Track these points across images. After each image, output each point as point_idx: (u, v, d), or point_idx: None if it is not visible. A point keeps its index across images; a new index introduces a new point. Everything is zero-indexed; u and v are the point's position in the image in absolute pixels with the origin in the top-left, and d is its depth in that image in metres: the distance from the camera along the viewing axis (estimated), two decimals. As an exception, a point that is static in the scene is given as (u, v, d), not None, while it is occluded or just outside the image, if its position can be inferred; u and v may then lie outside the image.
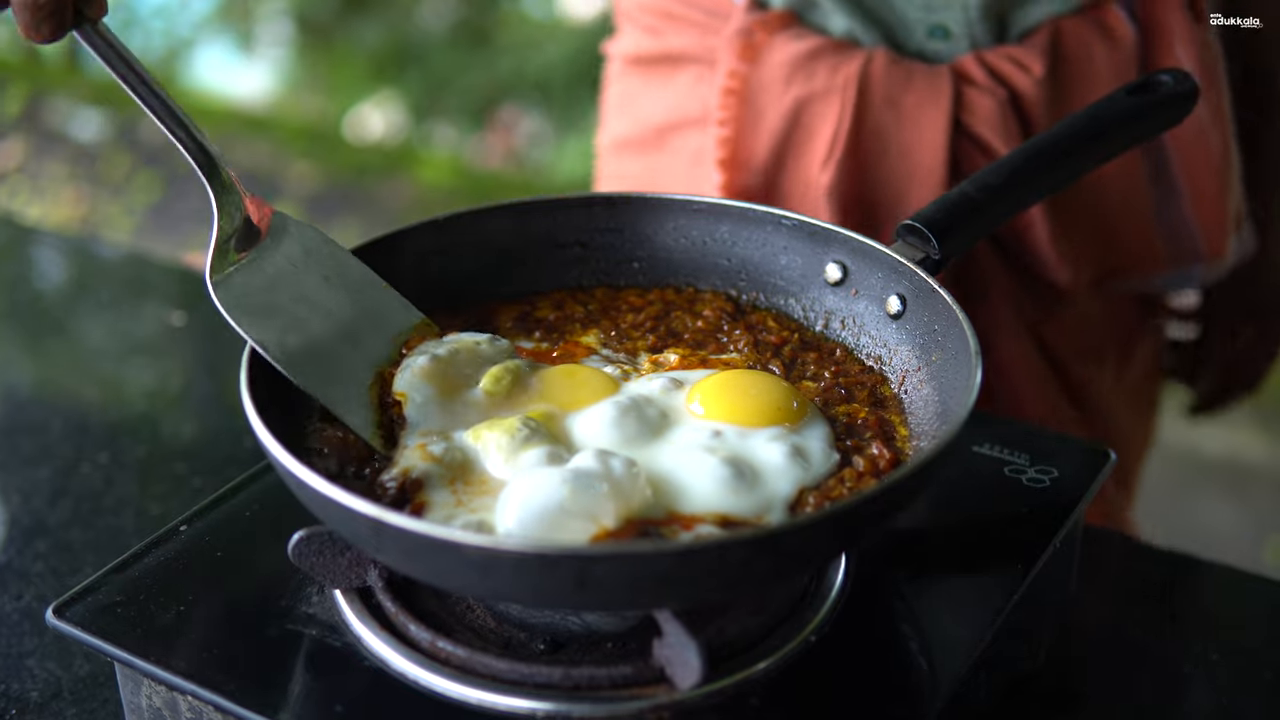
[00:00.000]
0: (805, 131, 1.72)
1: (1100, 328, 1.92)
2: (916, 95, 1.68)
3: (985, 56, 1.70)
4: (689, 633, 1.06)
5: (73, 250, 2.61)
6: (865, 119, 1.69)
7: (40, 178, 6.21)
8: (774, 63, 1.72)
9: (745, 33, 1.73)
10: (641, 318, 1.44)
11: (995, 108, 1.67)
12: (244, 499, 1.37)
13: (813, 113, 1.71)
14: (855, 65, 1.68)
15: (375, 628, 1.18)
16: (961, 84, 1.69)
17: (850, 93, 1.68)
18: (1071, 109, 1.71)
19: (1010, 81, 1.69)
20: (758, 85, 1.73)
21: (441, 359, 1.30)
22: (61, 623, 1.21)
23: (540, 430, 1.21)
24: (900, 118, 1.69)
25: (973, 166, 1.70)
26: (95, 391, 2.07)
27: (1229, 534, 4.03)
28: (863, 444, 1.26)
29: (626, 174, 1.95)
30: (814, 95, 1.70)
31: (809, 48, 1.71)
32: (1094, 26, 1.72)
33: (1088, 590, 1.51)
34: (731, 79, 1.74)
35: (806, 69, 1.70)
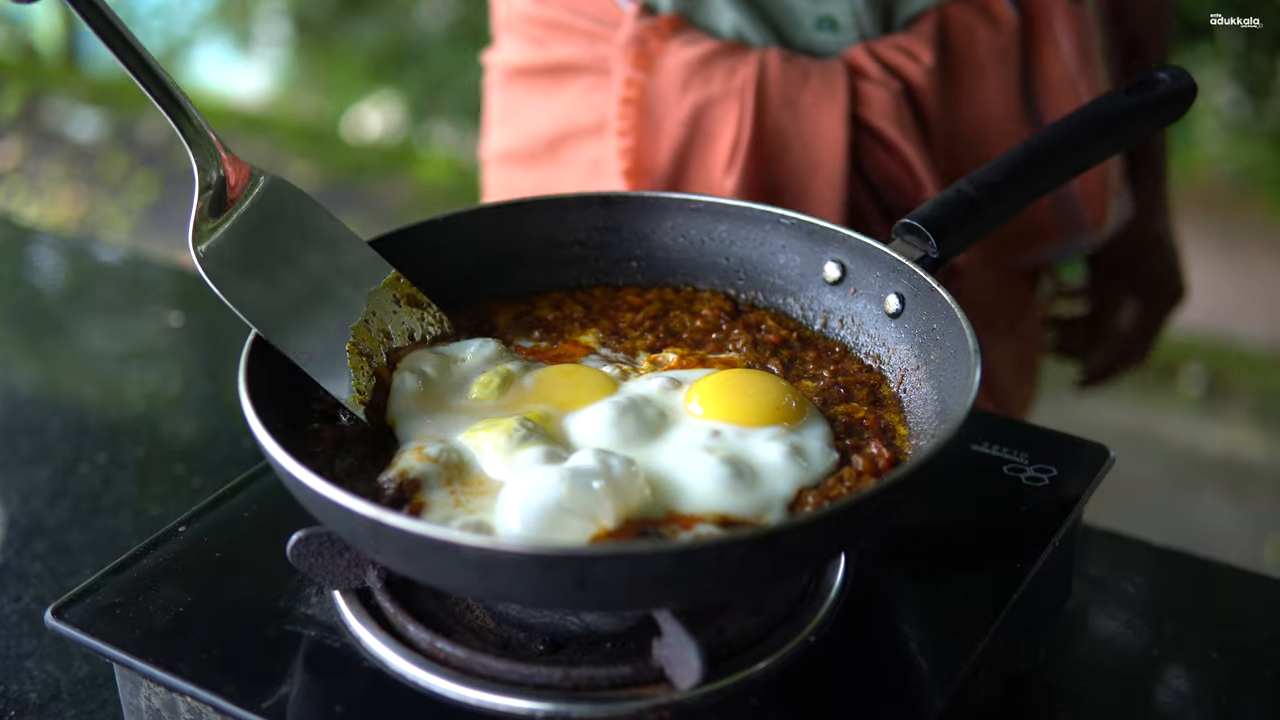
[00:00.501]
0: (706, 136, 1.72)
1: (992, 299, 1.94)
2: (813, 93, 1.69)
3: (875, 48, 1.71)
4: (688, 633, 1.06)
5: (71, 250, 2.61)
6: (765, 120, 1.70)
7: (38, 178, 6.20)
8: (669, 69, 1.72)
9: (638, 40, 1.72)
10: (640, 317, 1.44)
11: (890, 99, 1.69)
12: (243, 499, 1.37)
13: (712, 117, 1.71)
14: (751, 67, 1.69)
15: (374, 628, 1.17)
16: (855, 78, 1.70)
17: (748, 95, 1.69)
18: (960, 96, 1.75)
19: (902, 72, 1.71)
20: (655, 93, 1.73)
21: (430, 378, 1.30)
22: (60, 624, 1.21)
23: (537, 430, 1.21)
24: (798, 116, 1.69)
25: (872, 159, 1.72)
26: (94, 392, 2.07)
27: (1228, 533, 4.03)
28: (862, 443, 1.25)
29: (517, 186, 1.94)
30: (712, 100, 1.70)
31: (703, 52, 1.71)
32: (977, 12, 1.74)
33: (1087, 589, 1.51)
34: (628, 88, 1.73)
35: (702, 74, 1.70)
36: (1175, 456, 4.49)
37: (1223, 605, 1.54)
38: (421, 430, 1.25)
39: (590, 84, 1.82)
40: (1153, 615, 1.50)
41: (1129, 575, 1.56)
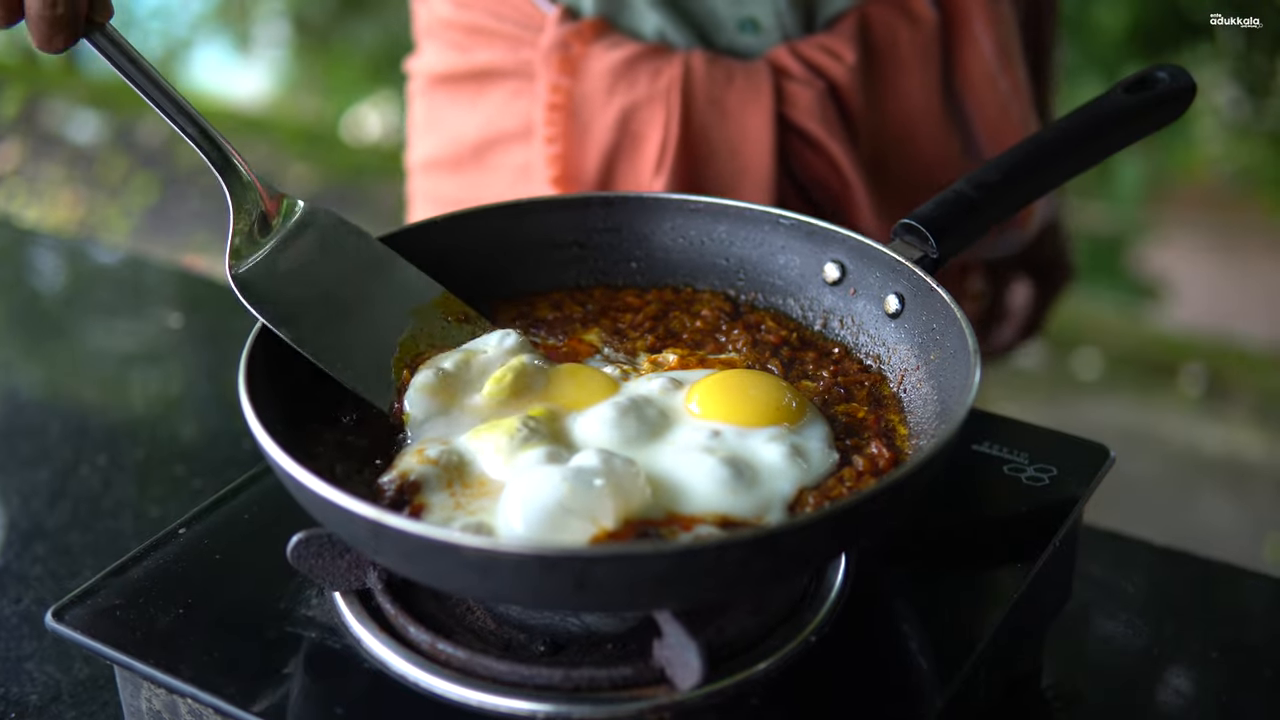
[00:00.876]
0: (634, 139, 1.72)
1: None
2: (738, 93, 1.69)
3: (798, 48, 1.72)
4: (689, 633, 1.06)
5: (70, 252, 2.61)
6: (691, 122, 1.70)
7: (38, 180, 6.20)
8: (594, 73, 1.71)
9: (562, 46, 1.72)
10: (640, 317, 1.44)
11: (815, 99, 1.69)
12: (243, 501, 1.37)
13: (639, 120, 1.71)
14: (675, 69, 1.69)
15: (375, 630, 1.17)
16: (780, 78, 1.70)
17: (674, 97, 1.69)
18: (884, 94, 1.76)
19: (826, 72, 1.71)
20: (581, 98, 1.72)
21: (448, 373, 1.30)
22: (61, 626, 1.21)
23: (540, 429, 1.21)
24: (725, 117, 1.70)
25: (799, 158, 1.73)
26: (94, 394, 2.07)
27: (1228, 532, 4.03)
28: (862, 443, 1.25)
29: (444, 193, 1.94)
30: (638, 103, 1.70)
31: (627, 55, 1.71)
32: (897, 10, 1.75)
33: (1087, 589, 1.51)
34: (555, 94, 1.73)
35: (628, 77, 1.70)
36: (1175, 456, 4.49)
37: (1223, 604, 1.54)
38: (431, 429, 1.25)
39: (514, 89, 1.81)
40: (1153, 614, 1.50)
41: (1129, 575, 1.56)
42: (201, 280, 2.49)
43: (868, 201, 1.73)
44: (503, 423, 1.21)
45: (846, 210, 1.74)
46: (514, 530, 1.11)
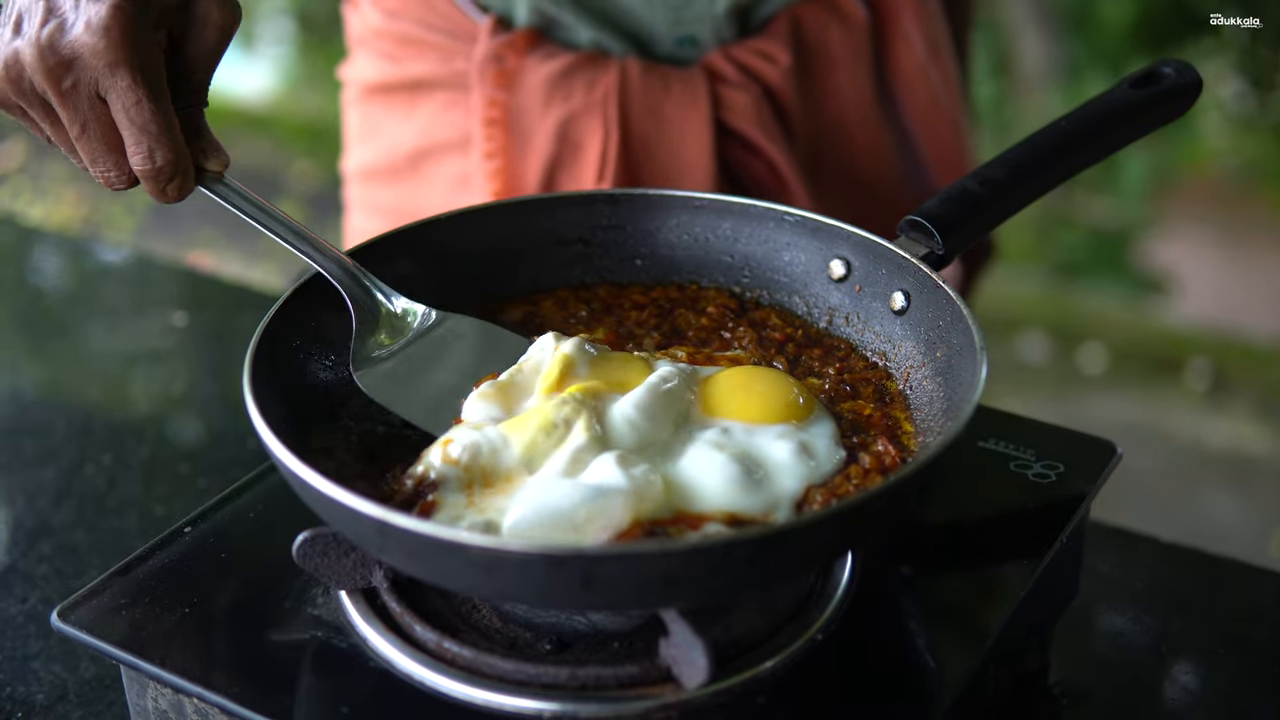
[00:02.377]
0: (573, 149, 1.72)
1: None
2: (675, 100, 1.69)
3: (732, 52, 1.72)
4: (695, 632, 1.05)
5: (75, 251, 2.61)
6: (630, 129, 1.70)
7: (42, 179, 6.20)
8: (530, 85, 1.71)
9: (496, 58, 1.71)
10: (645, 315, 1.43)
11: (750, 102, 1.70)
12: (248, 500, 1.37)
13: (578, 130, 1.71)
14: (611, 77, 1.69)
15: (381, 629, 1.17)
16: (715, 83, 1.71)
17: (611, 107, 1.69)
18: (818, 93, 1.77)
19: (760, 75, 1.72)
20: (518, 110, 1.72)
21: (502, 382, 1.28)
22: (66, 625, 1.21)
23: (582, 403, 1.20)
24: (663, 124, 1.70)
25: (738, 161, 1.74)
26: (99, 393, 2.07)
27: (1235, 527, 4.03)
28: (869, 440, 1.25)
29: (382, 202, 1.93)
30: (575, 113, 1.70)
31: (562, 65, 1.70)
32: (828, 11, 1.76)
33: (1094, 585, 1.50)
34: (491, 108, 1.72)
35: (564, 88, 1.70)
36: (1181, 451, 4.49)
37: (1230, 600, 1.54)
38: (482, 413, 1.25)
39: (447, 100, 1.80)
40: (1160, 611, 1.50)
41: (1136, 571, 1.56)
42: (206, 278, 2.49)
43: (806, 201, 1.74)
44: (541, 412, 1.20)
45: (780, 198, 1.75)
46: (519, 530, 1.11)
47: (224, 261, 5.35)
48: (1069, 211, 6.04)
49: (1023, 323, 5.31)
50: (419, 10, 1.79)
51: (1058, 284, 5.87)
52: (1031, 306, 5.48)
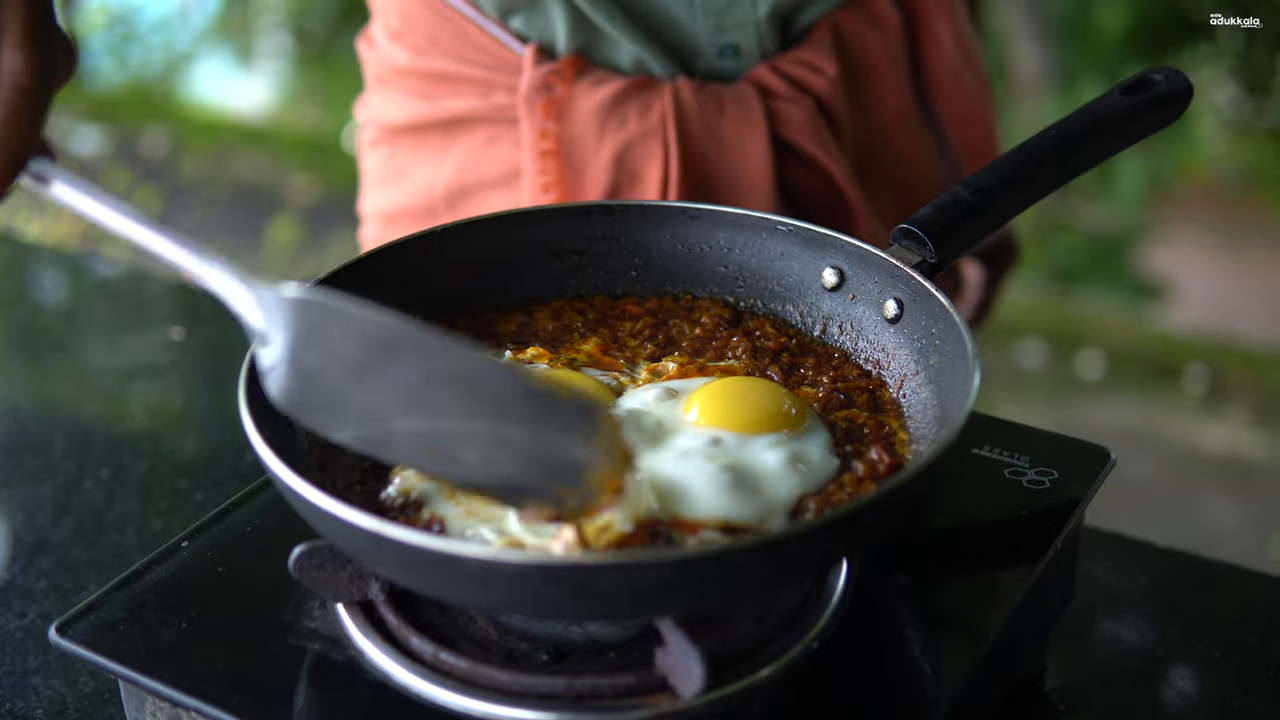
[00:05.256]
0: (633, 177, 1.69)
1: None
2: (732, 119, 1.68)
3: (779, 65, 1.70)
4: (691, 640, 1.06)
5: (72, 267, 2.62)
6: (689, 153, 1.68)
7: (39, 194, 6.21)
8: (581, 114, 1.67)
9: (544, 87, 1.67)
10: (639, 325, 1.44)
11: (804, 115, 1.69)
12: (245, 513, 1.37)
13: (635, 157, 1.68)
14: (665, 102, 1.67)
15: (378, 641, 1.17)
16: (768, 99, 1.69)
17: (670, 131, 1.66)
18: (862, 101, 1.77)
19: (810, 87, 1.70)
20: (571, 141, 1.68)
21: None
22: (65, 641, 1.21)
23: None
24: (721, 144, 1.68)
25: (795, 176, 1.72)
26: (96, 408, 2.07)
27: (1232, 532, 4.03)
28: (862, 448, 1.26)
29: None
30: (632, 140, 1.67)
31: (613, 91, 1.67)
32: (863, 16, 1.76)
33: (1091, 591, 1.51)
34: (544, 140, 1.68)
35: (617, 114, 1.67)
36: (1178, 457, 4.49)
37: (1227, 606, 1.54)
38: None
39: (489, 135, 1.75)
40: (1156, 616, 1.50)
41: (1132, 576, 1.56)
42: (203, 293, 2.49)
43: (862, 211, 1.73)
44: None
45: (841, 222, 1.73)
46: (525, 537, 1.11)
47: (222, 276, 5.34)
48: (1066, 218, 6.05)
49: (1020, 329, 5.32)
50: (454, 45, 1.75)
51: (1055, 290, 5.88)
52: (1029, 313, 5.49)
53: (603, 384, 1.33)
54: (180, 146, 6.80)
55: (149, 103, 7.56)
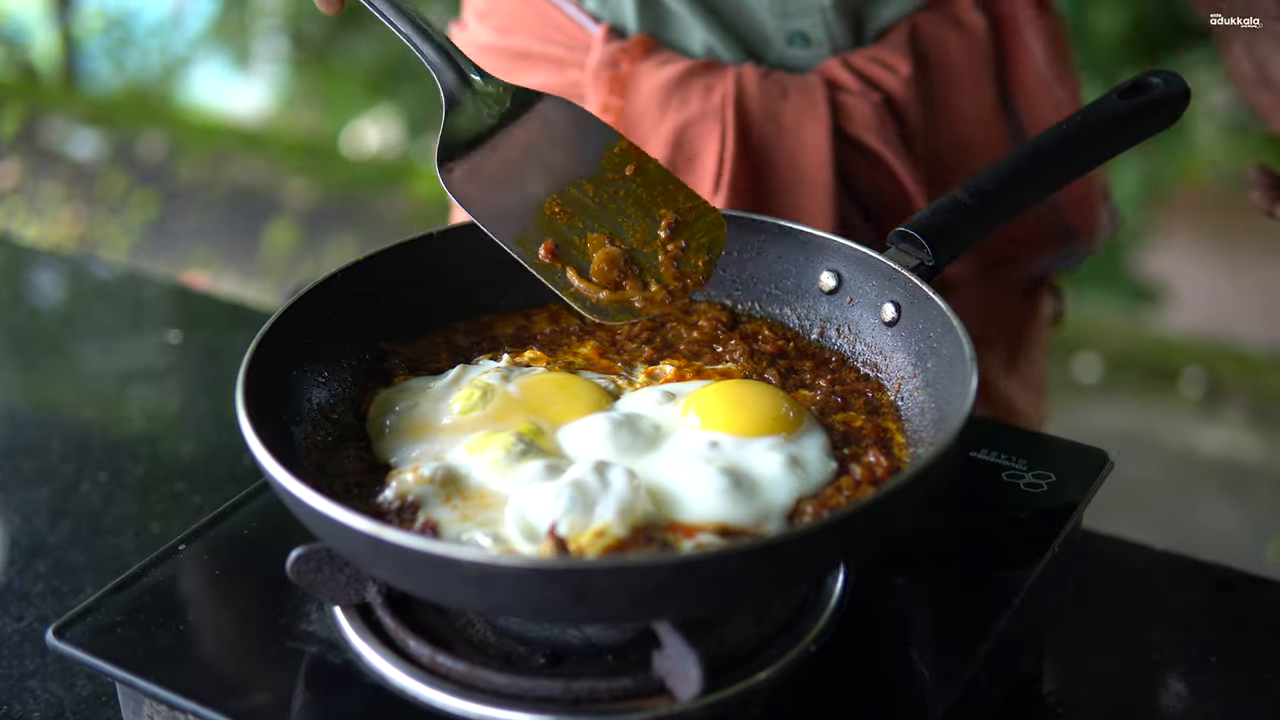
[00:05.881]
0: (690, 157, 1.71)
1: (989, 313, 1.92)
2: (794, 108, 1.68)
3: (850, 60, 1.70)
4: (688, 644, 1.06)
5: (70, 270, 2.61)
6: (748, 137, 1.68)
7: (37, 197, 6.21)
8: (645, 92, 1.70)
9: (610, 64, 1.71)
10: (637, 329, 1.44)
11: (871, 111, 1.69)
12: (243, 516, 1.37)
13: (693, 137, 1.70)
14: (727, 84, 1.68)
15: (375, 644, 1.17)
16: (834, 91, 1.69)
17: (729, 113, 1.67)
18: (939, 104, 1.75)
19: (881, 84, 1.70)
20: (633, 117, 1.71)
21: (408, 412, 1.30)
22: (62, 644, 1.21)
23: (534, 446, 1.21)
24: (782, 132, 1.68)
25: (856, 170, 1.72)
26: (94, 411, 2.07)
27: (1229, 535, 4.03)
28: (860, 452, 1.26)
29: None
30: (691, 120, 1.69)
31: (677, 72, 1.69)
32: (947, 21, 1.75)
33: (1088, 593, 1.51)
34: (605, 114, 1.71)
35: (679, 94, 1.69)
36: (1175, 459, 4.49)
37: (1224, 608, 1.54)
38: (414, 453, 1.25)
39: None
40: (1154, 618, 1.50)
41: (1131, 579, 1.56)
42: (200, 297, 2.50)
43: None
44: (497, 436, 1.22)
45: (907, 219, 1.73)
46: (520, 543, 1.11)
47: (218, 280, 5.35)
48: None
49: (1018, 332, 5.30)
50: (534, 24, 1.81)
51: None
52: (1026, 316, 5.47)
53: (600, 387, 1.33)
54: (178, 150, 6.79)
55: (146, 106, 7.55)
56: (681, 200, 1.39)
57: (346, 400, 1.34)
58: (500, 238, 1.34)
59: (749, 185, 1.70)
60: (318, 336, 1.33)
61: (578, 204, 1.38)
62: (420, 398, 1.31)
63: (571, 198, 1.38)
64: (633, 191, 1.40)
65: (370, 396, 1.34)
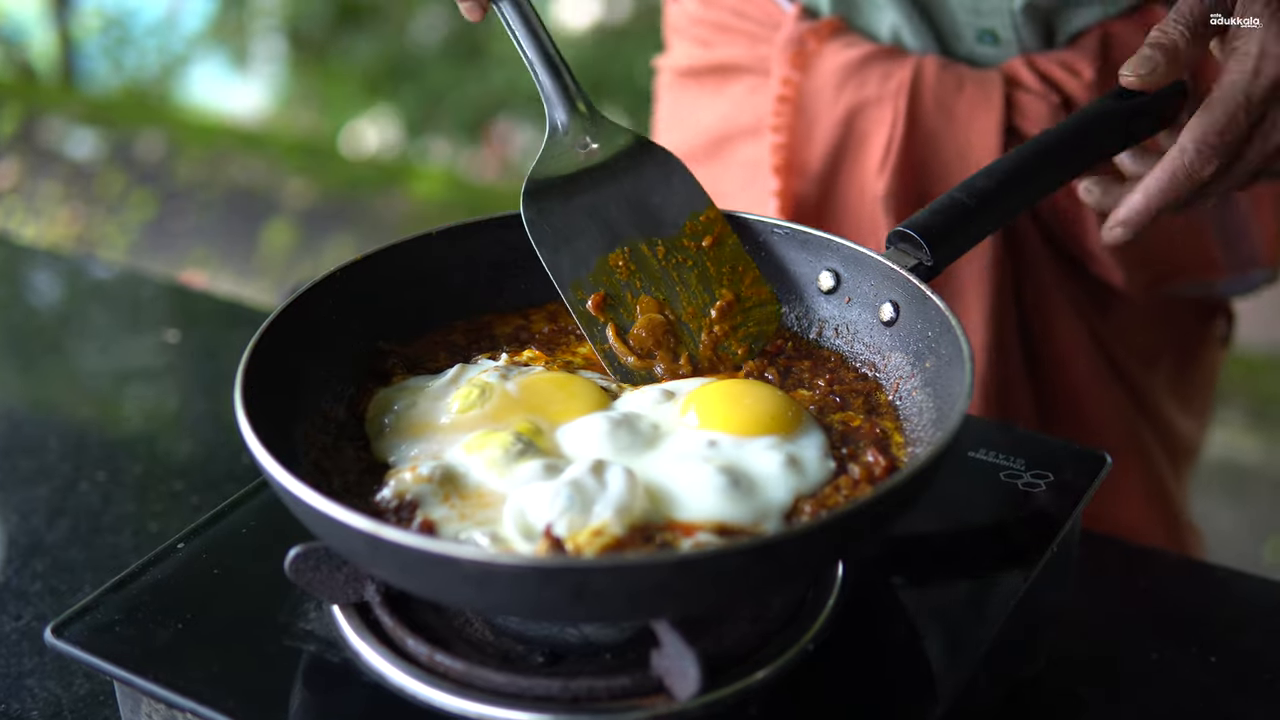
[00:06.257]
0: (859, 138, 1.74)
1: (1156, 330, 1.92)
2: (968, 100, 1.69)
3: (1035, 61, 1.71)
4: (686, 643, 1.06)
5: (68, 269, 2.61)
6: (918, 124, 1.71)
7: (35, 197, 6.21)
8: (826, 70, 1.75)
9: (797, 41, 1.76)
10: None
11: (1048, 112, 1.69)
12: (241, 515, 1.37)
13: (866, 119, 1.73)
14: (906, 71, 1.71)
15: (373, 642, 1.17)
16: (1012, 88, 1.70)
17: (902, 99, 1.70)
18: None
19: (1061, 86, 1.70)
20: (810, 92, 1.76)
21: (406, 410, 1.30)
22: (60, 642, 1.21)
23: (532, 446, 1.21)
24: (952, 122, 1.70)
25: None
26: (92, 410, 2.07)
27: (1228, 535, 4.03)
28: (858, 451, 1.26)
29: None
30: (866, 102, 1.73)
31: (860, 55, 1.73)
32: (1142, 29, 1.71)
33: (1087, 593, 1.51)
34: (785, 86, 1.76)
35: (858, 76, 1.73)
36: (1174, 461, 4.49)
37: (1222, 608, 1.54)
38: (413, 452, 1.25)
39: (751, 85, 1.86)
40: (1152, 619, 1.50)
41: (1129, 579, 1.56)
42: (198, 296, 2.50)
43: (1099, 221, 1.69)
44: (495, 435, 1.22)
45: (1076, 227, 1.74)
46: (518, 545, 1.11)
47: (216, 279, 5.35)
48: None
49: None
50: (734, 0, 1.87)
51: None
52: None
53: (599, 386, 1.33)
54: (176, 150, 6.79)
55: (145, 106, 7.56)
56: (747, 284, 1.41)
57: (345, 399, 1.34)
58: (557, 279, 1.38)
59: (914, 171, 1.72)
60: (316, 336, 1.33)
61: (643, 262, 1.41)
62: (418, 397, 1.31)
63: (640, 254, 1.41)
64: (701, 263, 1.41)
65: (368, 396, 1.34)
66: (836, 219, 1.78)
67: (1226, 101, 1.35)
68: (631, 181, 1.43)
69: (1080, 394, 1.86)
